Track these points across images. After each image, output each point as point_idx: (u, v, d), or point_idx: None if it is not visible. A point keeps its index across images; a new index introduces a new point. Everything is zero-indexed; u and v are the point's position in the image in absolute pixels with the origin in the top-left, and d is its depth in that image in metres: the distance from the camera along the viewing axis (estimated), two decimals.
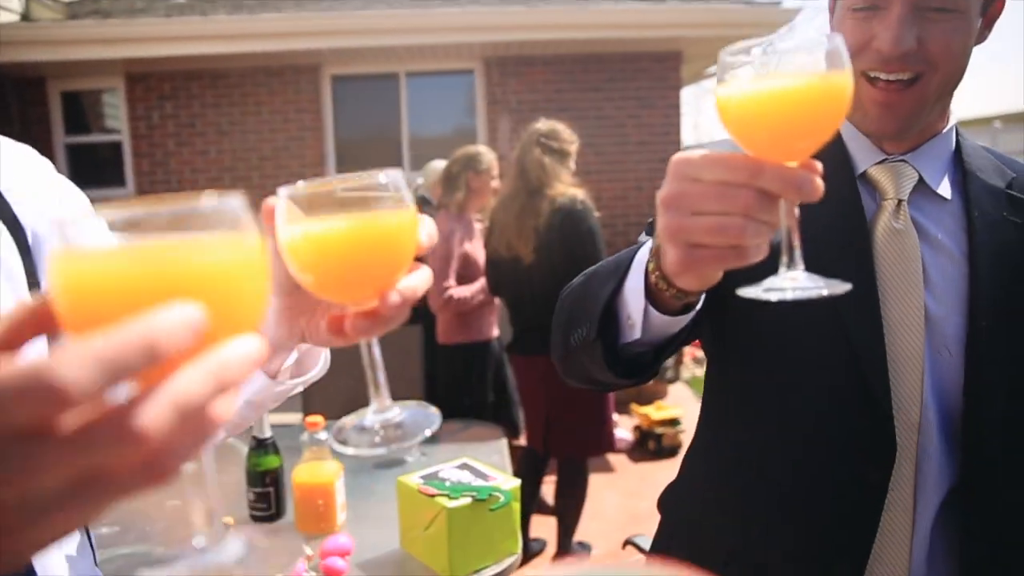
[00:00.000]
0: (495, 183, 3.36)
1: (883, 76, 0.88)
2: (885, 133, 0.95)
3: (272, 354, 0.70)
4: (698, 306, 0.79)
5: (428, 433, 0.59)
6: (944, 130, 0.98)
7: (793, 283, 0.61)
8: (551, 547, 3.37)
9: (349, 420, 0.61)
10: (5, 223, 0.74)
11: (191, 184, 6.48)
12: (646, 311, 0.79)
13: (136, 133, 6.53)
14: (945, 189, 0.96)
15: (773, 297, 0.61)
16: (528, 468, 3.29)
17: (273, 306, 0.66)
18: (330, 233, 0.54)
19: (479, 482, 1.70)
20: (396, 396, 0.61)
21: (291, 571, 1.63)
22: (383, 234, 0.55)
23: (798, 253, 0.62)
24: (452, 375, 3.41)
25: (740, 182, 0.58)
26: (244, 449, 1.95)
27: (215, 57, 6.05)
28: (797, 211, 0.61)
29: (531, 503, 3.36)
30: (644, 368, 0.89)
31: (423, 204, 4.18)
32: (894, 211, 0.93)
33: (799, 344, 0.95)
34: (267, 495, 1.88)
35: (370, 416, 0.60)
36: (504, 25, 6.01)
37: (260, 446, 1.87)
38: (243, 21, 5.97)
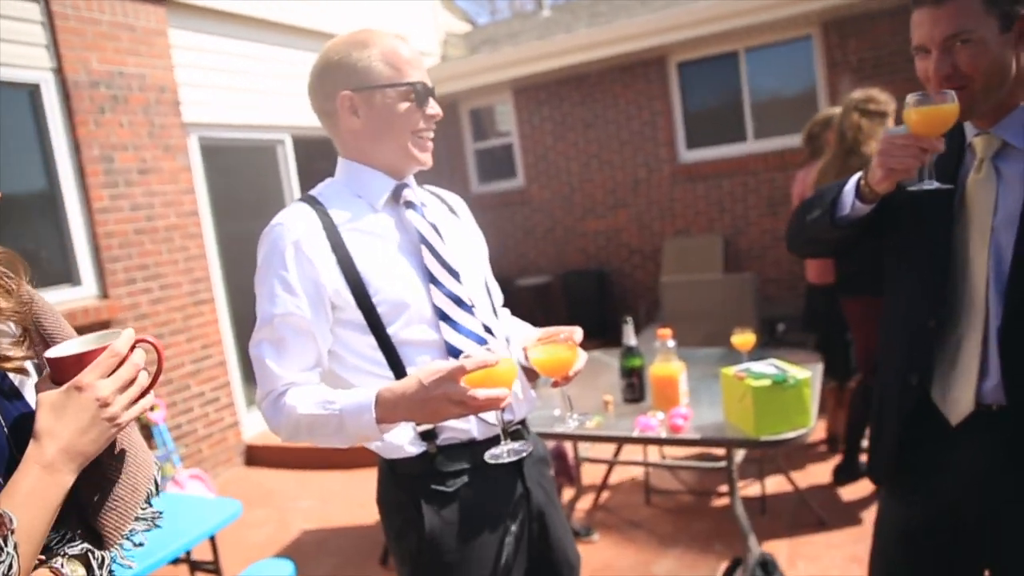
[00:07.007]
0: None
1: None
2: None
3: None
4: (875, 205, 1.50)
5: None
6: None
7: (928, 185, 1.38)
8: None
9: None
10: None
11: (566, 172, 7.79)
12: (853, 203, 1.52)
13: (523, 134, 7.96)
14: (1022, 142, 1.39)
15: (926, 187, 1.38)
16: (861, 402, 3.61)
17: None
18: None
19: (779, 373, 2.37)
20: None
21: (643, 424, 2.49)
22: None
23: (929, 174, 1.37)
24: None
25: (910, 144, 1.33)
26: (614, 360, 2.84)
27: (578, 64, 7.07)
28: (932, 157, 1.35)
29: (862, 433, 3.66)
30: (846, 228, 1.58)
31: None
32: (978, 166, 1.43)
33: (921, 240, 1.51)
34: (633, 384, 2.75)
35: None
36: None
37: (629, 351, 2.74)
38: (601, 31, 6.82)
